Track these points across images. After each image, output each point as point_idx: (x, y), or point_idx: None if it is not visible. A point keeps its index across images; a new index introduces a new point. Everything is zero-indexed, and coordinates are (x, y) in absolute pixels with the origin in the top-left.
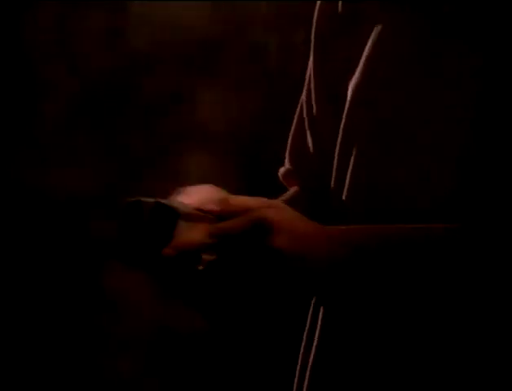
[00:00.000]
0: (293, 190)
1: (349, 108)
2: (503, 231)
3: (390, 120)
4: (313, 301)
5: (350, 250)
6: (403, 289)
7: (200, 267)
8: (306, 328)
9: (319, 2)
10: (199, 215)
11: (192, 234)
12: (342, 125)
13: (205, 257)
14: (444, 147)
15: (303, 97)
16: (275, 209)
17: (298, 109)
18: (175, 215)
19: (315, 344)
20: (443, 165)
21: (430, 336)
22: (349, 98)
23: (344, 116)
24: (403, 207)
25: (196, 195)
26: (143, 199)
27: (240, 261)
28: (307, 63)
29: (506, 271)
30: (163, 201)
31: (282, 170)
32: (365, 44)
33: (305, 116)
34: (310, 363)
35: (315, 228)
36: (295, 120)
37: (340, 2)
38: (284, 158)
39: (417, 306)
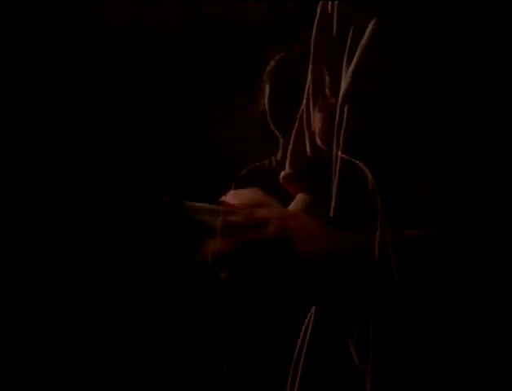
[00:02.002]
0: (299, 196)
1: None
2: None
3: (376, 121)
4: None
5: (360, 252)
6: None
7: (224, 276)
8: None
9: (317, 17)
10: (225, 225)
11: (217, 244)
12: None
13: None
14: (429, 147)
15: (303, 105)
16: (294, 219)
17: (299, 115)
18: (203, 228)
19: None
20: (425, 170)
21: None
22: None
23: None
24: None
25: (241, 198)
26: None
27: (265, 269)
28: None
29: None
30: (191, 213)
31: (283, 174)
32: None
33: (304, 126)
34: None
35: (329, 233)
36: (296, 126)
37: (333, 24)
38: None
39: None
